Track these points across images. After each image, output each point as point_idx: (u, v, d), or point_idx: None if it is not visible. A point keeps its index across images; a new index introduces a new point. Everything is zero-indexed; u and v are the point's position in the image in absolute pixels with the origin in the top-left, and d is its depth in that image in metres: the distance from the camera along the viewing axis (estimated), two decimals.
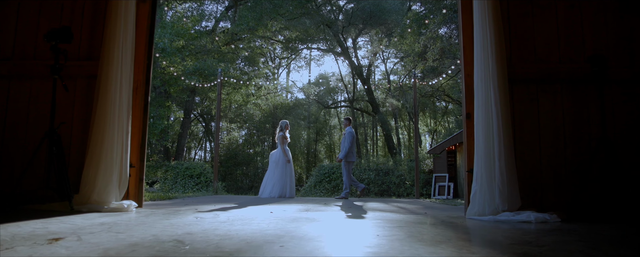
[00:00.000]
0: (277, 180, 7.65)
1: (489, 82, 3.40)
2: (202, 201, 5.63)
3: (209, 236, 1.99)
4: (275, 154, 7.92)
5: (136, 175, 3.80)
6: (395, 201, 7.40)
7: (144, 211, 3.44)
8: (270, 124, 24.82)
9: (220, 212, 3.45)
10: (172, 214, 3.22)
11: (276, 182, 7.65)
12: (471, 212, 3.31)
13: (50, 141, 3.29)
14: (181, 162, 13.35)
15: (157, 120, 12.33)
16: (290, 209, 4.21)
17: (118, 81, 3.53)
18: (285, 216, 3.20)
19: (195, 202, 5.24)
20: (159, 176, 13.17)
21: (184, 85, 13.10)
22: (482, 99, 3.42)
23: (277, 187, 7.60)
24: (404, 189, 13.16)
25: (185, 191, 12.63)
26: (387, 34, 21.08)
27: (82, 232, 2.01)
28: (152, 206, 4.33)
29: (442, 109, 30.49)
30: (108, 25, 3.60)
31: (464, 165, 3.72)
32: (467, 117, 3.71)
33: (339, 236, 2.16)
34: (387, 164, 13.78)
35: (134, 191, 3.77)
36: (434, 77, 13.30)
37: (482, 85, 3.43)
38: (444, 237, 2.13)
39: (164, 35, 12.25)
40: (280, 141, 7.89)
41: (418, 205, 5.89)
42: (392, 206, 5.53)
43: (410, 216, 3.54)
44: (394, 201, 7.70)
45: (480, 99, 3.44)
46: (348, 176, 7.84)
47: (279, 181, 7.63)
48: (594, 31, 3.63)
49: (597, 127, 3.49)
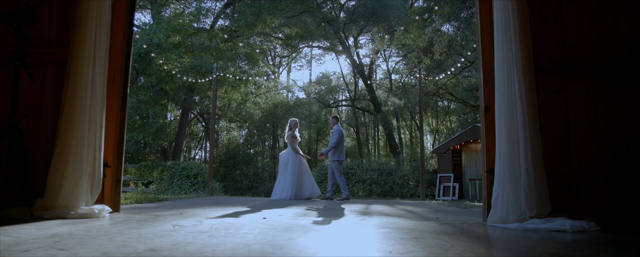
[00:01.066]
0: (289, 181, 7.18)
1: (512, 69, 2.97)
2: (193, 204, 5.21)
3: (176, 254, 1.56)
4: (284, 155, 7.47)
5: (112, 176, 3.38)
6: (400, 203, 6.97)
7: (118, 217, 3.02)
8: (271, 123, 24.41)
9: (204, 219, 3.03)
10: (149, 220, 2.80)
11: (288, 183, 7.18)
12: (493, 218, 2.88)
13: (10, 136, 2.87)
14: (178, 162, 12.93)
15: (152, 118, 11.92)
16: (287, 214, 3.79)
17: (90, 70, 3.11)
18: (280, 224, 2.78)
19: (184, 205, 4.82)
20: (155, 177, 12.75)
21: (181, 82, 12.68)
22: (504, 90, 2.99)
23: (289, 189, 7.13)
24: (408, 189, 12.72)
25: (182, 192, 12.22)
26: (390, 32, 20.65)
27: (13, 251, 1.58)
28: (133, 210, 3.91)
29: (444, 108, 30.07)
30: (80, 6, 3.18)
31: (483, 164, 3.29)
32: (486, 110, 3.28)
33: (343, 253, 1.74)
34: (390, 164, 13.34)
35: (109, 193, 3.34)
36: (440, 72, 12.83)
37: (504, 73, 3.00)
38: (475, 255, 1.70)
39: (159, 30, 11.85)
40: (290, 141, 7.45)
41: (425, 208, 5.46)
42: (398, 209, 5.10)
43: (423, 222, 3.11)
44: (399, 202, 7.27)
45: (501, 90, 3.01)
46: (341, 176, 7.39)
47: (291, 182, 7.18)
48: (632, 10, 3.19)
49: (636, 124, 3.05)
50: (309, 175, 7.43)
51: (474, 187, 12.38)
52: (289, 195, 7.09)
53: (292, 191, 7.12)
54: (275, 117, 23.57)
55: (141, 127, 11.86)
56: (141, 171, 12.91)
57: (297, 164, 7.33)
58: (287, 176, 7.24)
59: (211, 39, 15.96)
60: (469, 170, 12.69)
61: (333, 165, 7.40)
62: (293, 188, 7.14)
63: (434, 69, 14.30)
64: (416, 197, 12.55)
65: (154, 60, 12.28)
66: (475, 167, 12.63)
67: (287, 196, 7.09)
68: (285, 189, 7.18)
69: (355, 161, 13.81)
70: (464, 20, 12.10)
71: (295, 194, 7.14)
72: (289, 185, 7.16)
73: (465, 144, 12.72)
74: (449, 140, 12.72)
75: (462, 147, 12.80)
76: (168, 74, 12.17)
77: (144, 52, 11.76)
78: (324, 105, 27.44)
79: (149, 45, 11.30)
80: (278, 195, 7.20)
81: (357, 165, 13.60)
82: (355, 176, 13.24)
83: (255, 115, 23.17)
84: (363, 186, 13.11)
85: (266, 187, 18.82)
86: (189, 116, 19.75)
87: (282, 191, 7.20)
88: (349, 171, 13.39)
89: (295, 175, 7.24)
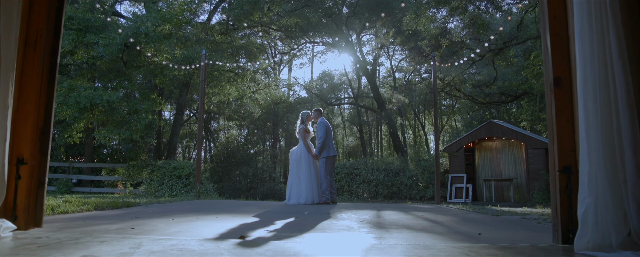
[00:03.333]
0: (304, 183, 6.21)
1: (605, 21, 2.00)
2: (166, 211, 4.26)
3: None
4: (295, 152, 6.48)
5: (30, 176, 2.42)
6: (414, 208, 6.00)
7: (21, 238, 2.06)
8: (272, 122, 23.45)
9: (150, 241, 2.07)
10: (60, 245, 1.84)
11: (303, 185, 6.21)
12: (582, 242, 1.90)
13: None
14: (169, 161, 11.97)
15: (140, 114, 10.98)
16: (274, 229, 2.84)
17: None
18: (258, 253, 1.82)
19: (152, 214, 3.86)
20: (144, 177, 11.82)
21: (171, 75, 11.75)
22: (590, 51, 2.02)
23: (305, 192, 6.16)
24: (417, 191, 11.73)
25: (172, 193, 11.30)
26: (396, 25, 19.69)
27: None
28: (67, 222, 2.95)
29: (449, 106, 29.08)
30: None
31: (552, 160, 2.31)
32: (555, 83, 2.31)
33: None
34: (396, 164, 12.33)
35: (25, 201, 2.39)
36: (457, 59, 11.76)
37: (591, 28, 2.03)
38: None
39: (148, 19, 10.93)
40: (302, 135, 6.45)
41: (449, 215, 4.49)
42: (417, 217, 4.13)
43: (472, 247, 2.14)
44: (412, 208, 6.29)
45: (587, 52, 2.03)
46: (326, 175, 6.37)
47: (307, 184, 6.18)
48: None
49: None
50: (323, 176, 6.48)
51: (489, 189, 11.40)
52: (305, 199, 6.13)
53: (309, 194, 6.16)
54: (276, 116, 22.60)
55: (128, 123, 10.93)
56: (129, 171, 11.98)
57: (312, 161, 6.36)
58: (302, 177, 6.26)
59: (206, 32, 15.02)
60: (483, 170, 11.69)
61: (321, 163, 6.42)
62: (310, 191, 6.17)
63: (447, 58, 13.27)
64: (427, 199, 11.57)
65: (142, 51, 11.35)
66: (490, 167, 11.64)
67: (304, 199, 6.13)
68: (301, 192, 6.20)
69: (360, 161, 12.82)
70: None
71: (311, 197, 6.17)
72: (306, 187, 6.18)
73: (479, 141, 11.72)
74: (461, 137, 11.72)
75: (476, 145, 11.81)
76: (157, 66, 11.24)
77: (131, 43, 10.84)
78: (326, 103, 26.47)
79: (136, 35, 10.39)
80: (295, 199, 6.23)
81: (362, 165, 12.61)
82: (360, 176, 12.26)
83: (255, 113, 22.22)
84: (368, 187, 12.12)
85: (266, 188, 17.88)
86: (184, 114, 18.82)
87: (298, 194, 6.22)
88: (353, 171, 12.40)
89: (312, 175, 6.27)
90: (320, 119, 6.67)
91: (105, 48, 10.20)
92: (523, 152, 11.02)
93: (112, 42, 10.25)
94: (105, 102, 10.24)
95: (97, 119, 11.09)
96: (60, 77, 11.19)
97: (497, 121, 11.62)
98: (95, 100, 10.30)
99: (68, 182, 12.20)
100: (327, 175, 6.44)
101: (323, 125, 6.53)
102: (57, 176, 12.29)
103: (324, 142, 6.41)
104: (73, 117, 10.66)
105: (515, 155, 11.29)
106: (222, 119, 23.33)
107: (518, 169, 11.19)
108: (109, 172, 12.86)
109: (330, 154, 6.51)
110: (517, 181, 11.07)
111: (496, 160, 11.59)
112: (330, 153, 6.50)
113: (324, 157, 6.44)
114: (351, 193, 12.14)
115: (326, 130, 6.49)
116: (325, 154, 6.47)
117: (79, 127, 11.56)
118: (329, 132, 6.50)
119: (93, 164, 13.03)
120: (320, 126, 6.54)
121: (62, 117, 10.72)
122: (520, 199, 10.89)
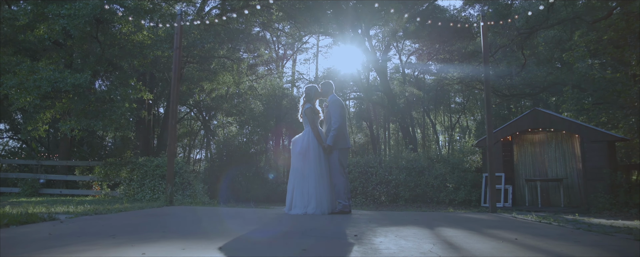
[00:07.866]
0: (312, 184, 4.33)
1: None
2: (85, 232, 2.43)
3: None
4: (299, 141, 4.59)
5: None
6: (466, 219, 4.14)
7: None
8: (274, 121, 21.63)
9: None
10: None
11: (311, 188, 4.33)
12: None
13: None
14: (151, 158, 10.16)
15: (114, 104, 9.16)
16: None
17: None
18: None
19: (42, 241, 2.03)
20: (123, 177, 10.03)
21: (153, 56, 9.95)
22: None
23: (315, 197, 4.29)
24: (446, 193, 9.79)
25: (155, 196, 9.51)
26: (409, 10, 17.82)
27: None
28: None
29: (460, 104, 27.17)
30: None
31: None
32: None
33: None
34: (420, 161, 10.41)
35: None
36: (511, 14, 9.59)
37: None
38: None
39: None
40: (309, 117, 4.59)
41: (532, 234, 2.61)
42: (491, 239, 2.27)
43: None
44: (463, 218, 4.39)
45: None
46: (342, 172, 4.54)
47: (315, 186, 4.32)
48: None
49: None
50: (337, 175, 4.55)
51: (532, 190, 9.47)
52: (316, 207, 4.26)
53: (322, 199, 4.29)
54: (279, 112, 20.74)
55: (102, 113, 9.16)
56: (106, 170, 10.19)
57: (323, 154, 4.48)
58: (310, 175, 4.36)
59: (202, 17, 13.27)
60: (524, 168, 9.75)
61: (334, 156, 4.56)
62: (322, 195, 4.30)
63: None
64: (458, 203, 9.64)
65: (119, 28, 9.58)
66: (532, 164, 9.70)
67: (313, 208, 4.25)
68: (311, 196, 4.29)
69: (376, 158, 10.91)
70: None
71: (327, 205, 4.33)
72: (315, 190, 4.29)
73: (520, 134, 9.79)
74: (499, 129, 9.78)
75: (515, 139, 9.89)
76: (134, 45, 9.44)
77: (105, 18, 9.10)
78: None
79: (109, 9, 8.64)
80: (300, 207, 4.30)
81: (378, 163, 10.71)
82: (377, 175, 10.34)
83: (256, 109, 20.38)
84: (386, 188, 10.21)
85: (266, 188, 16.08)
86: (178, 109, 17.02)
87: (304, 200, 4.31)
88: (368, 170, 10.50)
89: (323, 172, 4.40)
90: (332, 97, 4.80)
91: (70, 20, 8.40)
92: (576, 146, 9.08)
93: (78, 14, 8.47)
94: (69, 86, 8.46)
95: (62, 108, 9.31)
96: (21, 58, 9.42)
97: (543, 110, 9.68)
98: (58, 83, 8.53)
99: (35, 182, 10.44)
100: (343, 172, 4.59)
101: (338, 105, 4.69)
102: (23, 176, 10.55)
103: (340, 128, 4.56)
104: (34, 105, 8.90)
105: (564, 150, 9.35)
106: (220, 115, 21.53)
107: (568, 167, 9.25)
108: (83, 170, 11.08)
109: (347, 146, 4.67)
110: (568, 181, 9.14)
111: (540, 156, 9.65)
112: (346, 144, 4.66)
113: (341, 149, 4.59)
114: (366, 196, 10.23)
115: (342, 112, 4.65)
116: (342, 145, 4.62)
117: (45, 118, 9.80)
118: (343, 113, 4.67)
119: (65, 162, 11.28)
120: (334, 106, 4.68)
121: (22, 104, 8.96)
122: (572, 204, 8.97)
